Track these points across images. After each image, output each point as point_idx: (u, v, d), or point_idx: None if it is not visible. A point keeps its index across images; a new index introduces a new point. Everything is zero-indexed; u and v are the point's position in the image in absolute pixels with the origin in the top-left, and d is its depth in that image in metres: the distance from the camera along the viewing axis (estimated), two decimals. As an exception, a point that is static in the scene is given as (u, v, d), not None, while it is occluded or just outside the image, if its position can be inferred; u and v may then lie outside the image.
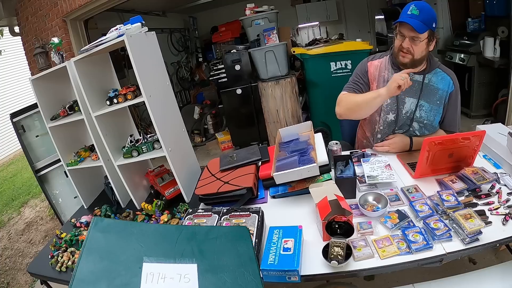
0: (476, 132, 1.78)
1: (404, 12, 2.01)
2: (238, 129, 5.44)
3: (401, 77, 1.89)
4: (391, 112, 2.22)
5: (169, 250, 1.05)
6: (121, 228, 1.13)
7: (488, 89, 5.18)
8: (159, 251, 1.05)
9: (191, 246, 1.06)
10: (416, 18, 1.94)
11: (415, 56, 2.04)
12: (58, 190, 3.82)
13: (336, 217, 1.46)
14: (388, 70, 2.21)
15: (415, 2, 1.98)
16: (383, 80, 2.20)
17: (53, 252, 2.05)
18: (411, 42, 2.00)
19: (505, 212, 1.55)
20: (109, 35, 2.06)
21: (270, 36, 4.66)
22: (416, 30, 1.93)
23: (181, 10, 8.15)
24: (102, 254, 1.04)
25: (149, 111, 2.07)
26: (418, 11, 1.94)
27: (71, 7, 4.21)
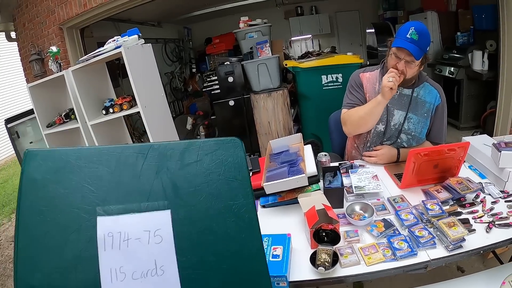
0: (460, 144, 1.86)
1: (402, 33, 2.02)
2: (230, 140, 5.47)
3: (388, 79, 1.97)
4: (380, 123, 2.27)
5: (128, 189, 0.77)
6: (61, 164, 0.79)
7: (476, 101, 5.30)
8: (114, 192, 0.77)
9: (160, 180, 0.77)
10: (415, 44, 1.96)
11: (407, 76, 2.09)
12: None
13: (323, 225, 1.51)
14: (378, 82, 2.27)
15: (414, 24, 2.00)
16: (375, 92, 2.26)
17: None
18: (406, 64, 2.04)
19: (488, 220, 1.61)
20: (106, 46, 2.11)
21: (263, 49, 4.73)
22: (415, 57, 1.98)
23: (176, 21, 8.22)
24: (38, 205, 0.75)
25: (144, 122, 2.12)
26: (418, 36, 1.96)
27: (68, 15, 4.27)
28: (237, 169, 0.81)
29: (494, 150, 1.88)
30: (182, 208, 0.76)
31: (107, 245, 0.72)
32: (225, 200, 0.79)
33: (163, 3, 4.68)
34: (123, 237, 0.73)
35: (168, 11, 6.82)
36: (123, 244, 0.72)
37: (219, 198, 0.79)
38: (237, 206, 0.80)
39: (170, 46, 8.31)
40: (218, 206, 0.78)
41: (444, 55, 5.68)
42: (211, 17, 8.23)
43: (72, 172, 0.77)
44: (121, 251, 0.72)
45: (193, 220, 0.76)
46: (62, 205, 0.75)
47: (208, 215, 0.78)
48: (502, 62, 4.24)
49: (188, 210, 0.77)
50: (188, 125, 6.67)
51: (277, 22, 8.23)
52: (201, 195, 0.78)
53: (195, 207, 0.77)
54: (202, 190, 0.79)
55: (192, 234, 0.75)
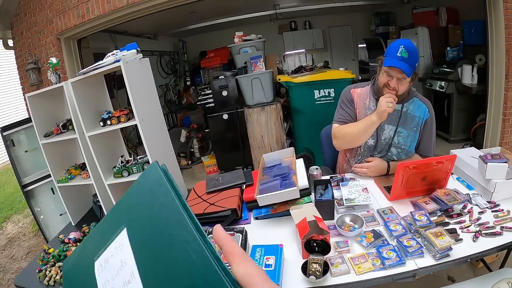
0: (448, 156, 1.92)
1: (392, 51, 2.09)
2: (224, 154, 5.51)
3: (388, 105, 2.05)
4: (371, 137, 2.32)
5: (105, 236, 0.99)
6: (79, 253, 1.10)
7: (466, 114, 5.39)
8: (101, 243, 1.00)
9: (117, 218, 0.99)
10: (405, 62, 2.03)
11: (399, 92, 2.16)
12: (40, 207, 3.82)
13: (314, 235, 1.56)
14: (369, 98, 2.33)
15: (403, 42, 2.07)
16: (365, 107, 2.33)
17: (40, 266, 2.08)
18: (398, 82, 2.11)
19: (475, 229, 1.66)
20: (106, 60, 2.15)
21: (257, 64, 4.79)
22: (406, 74, 2.05)
23: (171, 33, 8.27)
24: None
25: (141, 134, 2.16)
26: (408, 54, 2.03)
27: (66, 25, 4.32)
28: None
29: (481, 162, 1.94)
30: (131, 222, 0.85)
31: (99, 272, 0.83)
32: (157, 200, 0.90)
33: (159, 16, 4.73)
34: (105, 261, 0.84)
35: (164, 24, 6.89)
36: (106, 264, 0.84)
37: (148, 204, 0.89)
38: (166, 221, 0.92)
39: (165, 58, 8.36)
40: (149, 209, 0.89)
41: (435, 70, 5.78)
42: (206, 31, 8.29)
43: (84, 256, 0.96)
44: (106, 269, 0.82)
45: (137, 226, 0.86)
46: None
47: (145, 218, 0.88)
48: (491, 75, 4.32)
49: (133, 222, 0.86)
50: (182, 138, 6.69)
51: (271, 36, 8.32)
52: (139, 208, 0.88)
53: (136, 218, 0.87)
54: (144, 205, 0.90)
55: (139, 235, 0.84)
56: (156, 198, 0.85)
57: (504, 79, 4.15)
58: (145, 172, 0.90)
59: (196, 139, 6.61)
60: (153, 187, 0.87)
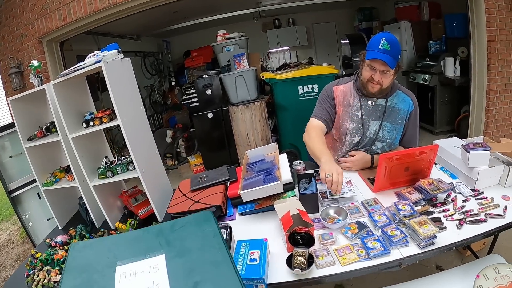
0: (430, 146, 1.93)
1: (374, 45, 2.09)
2: (210, 153, 5.52)
3: (327, 174, 1.86)
4: (356, 135, 2.33)
5: (138, 250, 1.13)
6: (96, 244, 1.23)
7: (450, 106, 5.47)
8: (130, 253, 1.14)
9: (158, 241, 1.15)
10: (388, 54, 2.04)
11: (383, 86, 2.17)
12: (28, 214, 3.78)
13: (297, 228, 1.57)
14: (353, 95, 2.32)
15: (384, 35, 2.08)
16: (348, 105, 2.32)
17: (28, 271, 2.05)
18: (381, 75, 2.11)
19: (460, 217, 1.69)
20: (87, 61, 2.13)
21: (240, 62, 4.79)
22: (389, 66, 2.05)
23: (155, 34, 8.24)
24: (80, 269, 1.11)
25: (123, 134, 2.14)
26: (390, 46, 2.03)
27: (48, 28, 4.28)
28: (208, 224, 1.19)
29: (463, 151, 1.96)
30: (172, 251, 1.10)
31: (121, 279, 1.05)
32: (201, 241, 1.14)
33: (142, 17, 4.71)
34: (132, 273, 1.06)
35: (147, 24, 6.84)
36: (132, 276, 1.05)
37: (197, 239, 1.15)
38: (209, 242, 1.14)
39: (149, 59, 8.32)
40: (197, 245, 1.13)
41: (418, 63, 5.85)
42: (190, 30, 8.25)
43: (99, 247, 1.21)
44: (131, 280, 1.04)
45: (180, 257, 1.09)
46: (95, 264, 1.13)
47: (190, 251, 1.10)
48: (473, 67, 4.39)
49: (176, 251, 1.11)
50: (167, 138, 6.69)
51: (255, 34, 8.34)
52: (185, 241, 1.14)
53: (181, 249, 1.11)
54: (185, 238, 1.16)
55: (178, 265, 1.07)
56: (207, 243, 1.12)
57: (486, 70, 4.22)
58: (200, 216, 1.22)
59: (182, 139, 6.60)
60: (205, 231, 1.15)
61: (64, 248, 2.24)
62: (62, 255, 2.09)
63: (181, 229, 1.19)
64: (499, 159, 1.99)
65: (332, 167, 1.89)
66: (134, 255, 1.12)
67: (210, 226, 1.18)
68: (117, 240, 1.24)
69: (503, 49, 4.13)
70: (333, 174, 1.84)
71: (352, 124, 2.32)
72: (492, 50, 4.11)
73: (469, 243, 1.63)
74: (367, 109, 2.29)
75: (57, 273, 1.97)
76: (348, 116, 2.33)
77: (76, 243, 1.22)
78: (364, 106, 2.30)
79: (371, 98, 2.28)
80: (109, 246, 1.19)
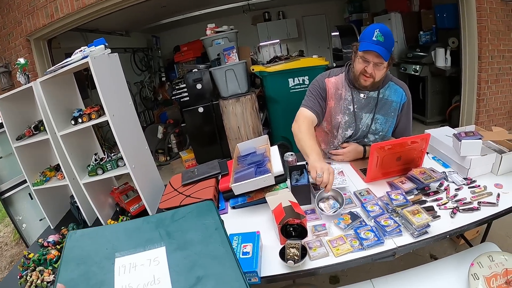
0: (422, 136, 1.93)
1: (367, 36, 2.03)
2: (201, 147, 5.51)
3: (319, 173, 1.80)
4: (349, 128, 2.30)
5: (138, 241, 1.09)
6: (94, 234, 1.18)
7: (441, 96, 5.49)
8: (129, 244, 1.09)
9: (158, 232, 1.11)
10: (382, 45, 1.98)
11: (376, 79, 2.12)
12: (22, 216, 3.74)
13: (290, 220, 1.56)
14: (344, 88, 2.27)
15: (378, 26, 2.02)
16: (339, 98, 2.27)
17: (21, 272, 2.03)
18: (374, 67, 2.06)
19: (453, 206, 1.69)
20: (73, 57, 2.10)
21: (230, 55, 4.76)
22: (383, 57, 1.99)
23: (144, 29, 8.19)
24: (78, 261, 1.08)
25: (112, 130, 2.12)
26: (383, 38, 1.98)
27: (35, 26, 4.25)
28: (209, 215, 1.16)
29: (455, 140, 1.96)
30: (173, 243, 1.07)
31: (120, 272, 1.02)
32: (203, 233, 1.10)
33: (130, 12, 4.67)
34: (132, 266, 1.03)
35: (136, 20, 6.80)
36: (132, 269, 1.02)
37: (199, 232, 1.10)
38: (210, 233, 1.11)
39: (139, 55, 8.27)
40: (199, 237, 1.09)
41: (408, 54, 5.85)
42: (179, 25, 8.23)
43: (97, 238, 1.15)
44: (130, 273, 1.01)
45: (181, 249, 1.06)
46: (93, 256, 1.09)
47: (192, 243, 1.08)
48: (464, 58, 4.41)
49: (177, 243, 1.07)
50: (159, 134, 6.64)
51: (245, 28, 8.30)
52: (186, 233, 1.10)
53: (182, 241, 1.08)
54: (187, 230, 1.12)
55: (179, 258, 1.04)
56: (209, 236, 1.10)
57: (477, 60, 4.25)
58: (202, 207, 1.18)
59: (173, 135, 6.56)
60: (206, 223, 1.13)
61: (57, 247, 2.22)
62: (54, 254, 2.08)
63: (182, 220, 1.15)
64: (491, 148, 2.00)
65: (323, 166, 1.83)
66: (134, 247, 1.08)
67: (212, 218, 1.14)
68: (116, 230, 1.19)
69: (494, 39, 4.16)
70: (324, 174, 1.79)
71: (344, 118, 2.28)
72: (483, 40, 4.14)
73: (462, 231, 1.63)
74: (359, 102, 2.26)
75: (50, 273, 1.96)
76: (339, 109, 2.29)
77: (74, 232, 1.18)
78: (356, 99, 2.26)
79: (363, 91, 2.24)
80: (107, 236, 1.15)
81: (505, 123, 4.64)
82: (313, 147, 2.01)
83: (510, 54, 4.32)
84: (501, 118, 4.63)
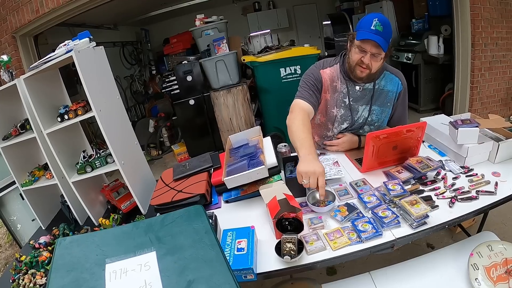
0: (417, 124, 1.89)
1: (365, 25, 1.94)
2: (193, 140, 5.46)
3: (304, 180, 1.67)
4: (345, 122, 2.24)
5: (128, 246, 1.08)
6: (83, 240, 1.17)
7: (434, 84, 5.50)
8: (119, 250, 1.09)
9: (148, 237, 1.10)
10: (380, 35, 1.89)
11: (373, 70, 2.03)
12: (16, 216, 3.69)
13: (285, 214, 1.51)
14: (340, 80, 2.19)
15: (376, 16, 1.93)
16: (334, 90, 2.20)
17: (14, 276, 2.00)
18: (372, 58, 1.97)
19: (451, 195, 1.66)
20: (57, 51, 2.05)
21: (220, 46, 4.70)
22: (382, 48, 1.90)
23: (132, 22, 8.11)
24: (68, 268, 1.06)
25: (99, 125, 2.07)
26: (382, 27, 1.89)
27: (20, 22, 4.19)
28: (199, 219, 1.14)
29: (452, 128, 1.92)
30: (163, 247, 1.06)
31: (111, 278, 1.01)
32: (193, 237, 1.08)
33: (117, 5, 4.60)
34: (123, 271, 1.02)
35: (124, 13, 6.72)
36: (123, 275, 1.02)
37: (189, 237, 1.09)
38: (202, 238, 1.08)
39: (128, 49, 8.20)
40: (189, 241, 1.07)
41: (401, 42, 5.85)
42: (168, 17, 8.16)
43: (85, 244, 1.13)
44: (121, 279, 1.01)
45: (172, 254, 1.04)
46: (83, 263, 1.07)
47: (182, 247, 1.06)
48: (457, 45, 4.43)
49: (167, 248, 1.06)
50: (150, 128, 6.60)
51: (235, 18, 8.32)
52: (177, 237, 1.09)
53: (172, 246, 1.07)
54: (177, 234, 1.10)
55: (170, 263, 1.02)
56: (198, 240, 1.07)
57: (470, 48, 4.27)
58: (191, 211, 1.16)
59: (165, 128, 6.52)
60: (196, 228, 1.11)
61: (48, 249, 2.19)
62: (46, 256, 2.06)
63: (172, 225, 1.13)
64: (487, 136, 1.96)
65: (308, 170, 1.67)
66: (124, 252, 1.07)
67: (202, 222, 1.13)
68: (105, 236, 1.18)
69: (487, 27, 4.18)
70: (310, 179, 1.66)
71: (340, 111, 2.22)
72: (476, 27, 4.15)
73: (461, 221, 1.60)
74: (354, 95, 2.19)
75: (42, 275, 1.93)
76: (334, 102, 2.22)
77: (63, 239, 1.16)
78: (351, 91, 2.19)
79: (358, 84, 2.17)
80: (97, 242, 1.14)
81: (499, 110, 4.68)
82: (303, 142, 1.86)
83: (503, 42, 4.35)
84: (494, 106, 4.65)
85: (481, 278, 1.49)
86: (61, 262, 1.09)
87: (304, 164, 1.70)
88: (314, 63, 2.33)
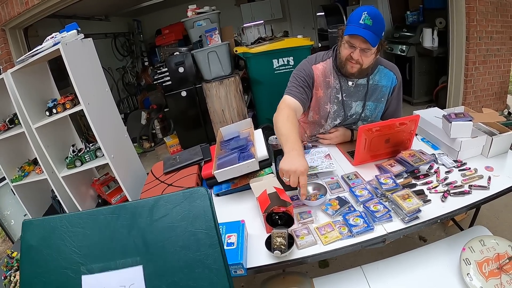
0: (410, 117, 1.88)
1: (354, 19, 1.87)
2: (186, 132, 5.43)
3: (285, 178, 1.61)
4: (338, 118, 2.21)
5: (107, 248, 0.90)
6: (51, 229, 0.95)
7: (428, 77, 5.49)
8: (96, 252, 0.91)
9: (133, 240, 0.89)
10: (369, 29, 1.83)
11: (364, 66, 1.98)
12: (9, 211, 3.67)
13: (275, 208, 1.50)
14: (332, 75, 2.14)
15: (366, 9, 1.86)
16: (327, 86, 2.16)
17: (5, 272, 1.98)
18: (361, 53, 1.92)
19: (443, 189, 1.65)
20: (44, 44, 2.03)
21: (212, 37, 4.65)
22: (370, 43, 1.84)
23: (124, 13, 8.00)
24: (38, 268, 0.92)
25: (88, 119, 2.04)
26: (371, 21, 1.82)
27: (9, 15, 4.14)
28: (202, 219, 0.92)
29: (445, 122, 1.91)
30: (152, 262, 0.88)
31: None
32: (192, 252, 0.89)
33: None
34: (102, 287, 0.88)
35: (115, 3, 6.67)
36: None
37: (186, 250, 0.89)
38: (204, 256, 0.89)
39: (120, 40, 8.14)
40: (186, 258, 0.88)
41: (395, 34, 5.83)
42: (160, 8, 8.04)
43: (60, 237, 0.92)
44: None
45: (163, 273, 0.88)
46: (54, 267, 0.91)
47: (176, 267, 0.88)
48: (451, 38, 4.43)
49: (158, 264, 0.89)
50: (142, 120, 6.55)
51: (228, 9, 8.30)
52: (169, 248, 0.90)
53: (164, 261, 0.89)
54: (170, 244, 0.90)
55: (162, 286, 0.87)
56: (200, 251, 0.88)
57: (464, 41, 4.28)
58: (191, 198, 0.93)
59: (157, 120, 6.49)
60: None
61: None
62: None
63: (164, 221, 0.92)
64: (481, 130, 1.95)
65: (291, 166, 1.58)
66: (102, 258, 0.89)
67: (206, 222, 0.92)
68: (83, 224, 0.94)
69: (482, 20, 4.19)
70: (291, 177, 1.58)
71: (333, 107, 2.18)
72: (471, 21, 4.15)
73: (454, 215, 1.59)
74: (347, 90, 2.15)
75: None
76: (328, 99, 2.18)
77: (29, 222, 0.95)
78: (344, 87, 2.15)
79: (351, 79, 2.13)
80: (68, 233, 0.93)
81: (492, 104, 4.69)
82: (288, 137, 1.76)
83: (498, 35, 4.37)
84: (488, 100, 4.67)
85: (473, 273, 1.48)
86: (28, 258, 0.94)
87: (286, 160, 1.63)
88: (307, 55, 2.29)
